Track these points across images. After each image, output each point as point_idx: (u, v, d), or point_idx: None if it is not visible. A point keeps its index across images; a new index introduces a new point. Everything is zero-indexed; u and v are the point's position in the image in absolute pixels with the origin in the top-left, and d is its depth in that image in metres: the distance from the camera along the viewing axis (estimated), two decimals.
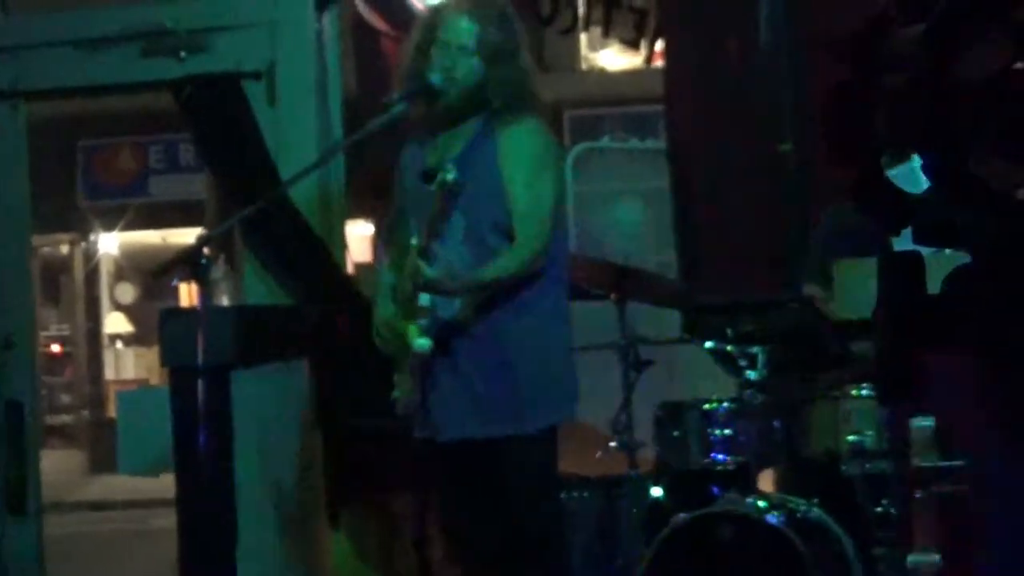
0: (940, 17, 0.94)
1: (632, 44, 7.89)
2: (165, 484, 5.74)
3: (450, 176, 4.46)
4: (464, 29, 4.73)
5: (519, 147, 4.66)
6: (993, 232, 0.97)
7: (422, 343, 4.60)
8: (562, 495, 5.59)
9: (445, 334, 4.65)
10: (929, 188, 0.99)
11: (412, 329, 4.62)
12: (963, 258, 1.02)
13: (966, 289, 0.98)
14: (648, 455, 5.94)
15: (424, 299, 4.58)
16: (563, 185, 4.92)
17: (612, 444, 5.88)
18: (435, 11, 4.95)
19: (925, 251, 1.17)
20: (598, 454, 6.10)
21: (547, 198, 4.67)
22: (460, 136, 4.75)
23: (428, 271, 4.50)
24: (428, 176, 4.54)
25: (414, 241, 4.56)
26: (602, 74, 8.01)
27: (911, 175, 1.22)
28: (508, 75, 4.72)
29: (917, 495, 4.96)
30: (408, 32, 5.02)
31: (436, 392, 4.72)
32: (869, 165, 1.01)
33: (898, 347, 0.97)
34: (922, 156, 0.97)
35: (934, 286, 1.03)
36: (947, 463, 5.06)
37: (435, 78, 4.71)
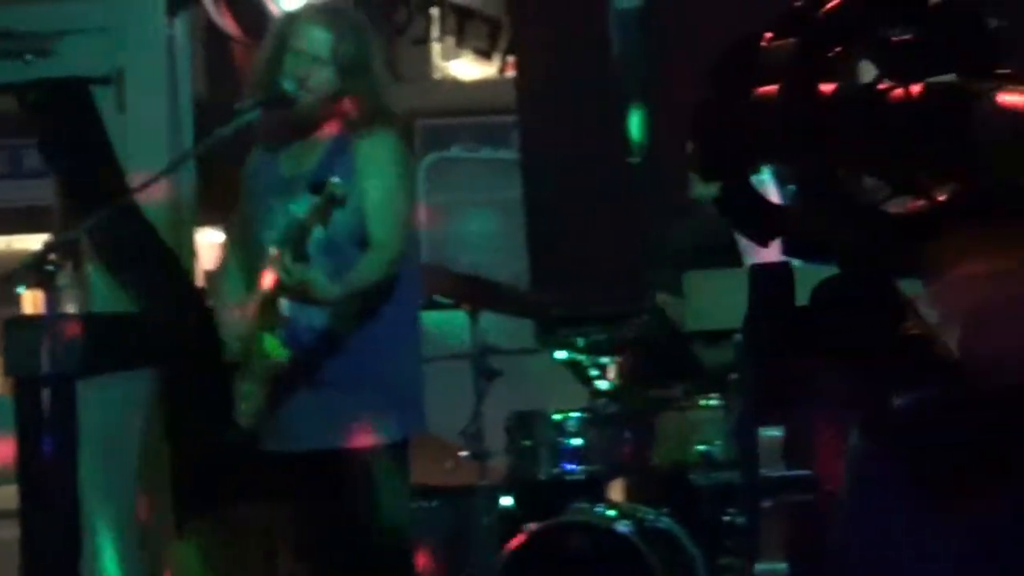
0: (813, 33, 0.95)
1: (485, 54, 7.90)
2: (6, 495, 5.63)
3: (339, 190, 4.44)
4: (319, 39, 4.70)
5: (378, 159, 4.65)
6: (860, 245, 0.98)
7: (281, 354, 4.57)
8: (412, 505, 5.58)
9: (318, 344, 4.63)
10: (797, 200, 1.00)
11: (269, 340, 4.58)
12: (832, 270, 1.04)
13: (834, 300, 0.99)
14: (499, 465, 5.95)
15: (284, 308, 4.54)
16: (415, 198, 4.94)
17: (462, 454, 5.89)
18: (289, 19, 4.92)
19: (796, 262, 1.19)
20: (448, 464, 6.10)
21: (403, 207, 4.69)
22: (315, 146, 4.73)
23: (306, 273, 4.47)
24: (316, 187, 4.50)
25: (273, 250, 4.52)
26: (455, 83, 8.01)
27: (762, 187, 1.24)
28: (363, 87, 4.71)
29: (764, 504, 5.02)
30: (261, 39, 4.99)
31: (289, 402, 4.68)
32: (737, 177, 1.02)
33: (769, 359, 0.98)
34: (792, 169, 0.98)
35: (804, 297, 1.05)
36: (794, 473, 5.12)
37: (288, 86, 4.68)
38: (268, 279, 4.56)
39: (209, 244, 6.88)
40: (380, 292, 4.65)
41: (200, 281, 6.72)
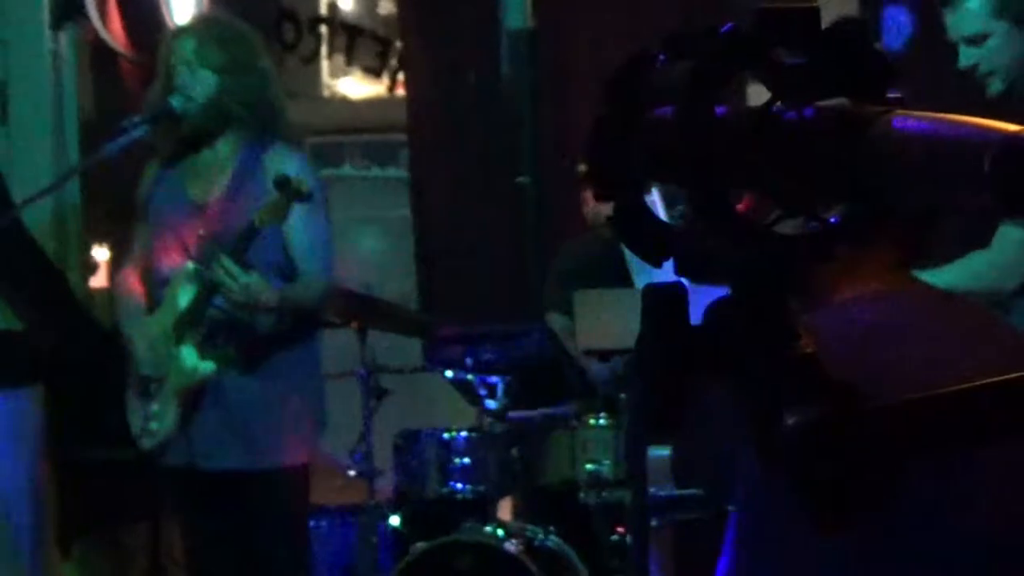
0: (705, 56, 0.96)
1: (375, 72, 7.90)
2: None
3: (304, 187, 4.49)
4: (189, 45, 4.71)
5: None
6: (750, 265, 0.98)
7: (204, 367, 4.56)
8: None
9: (258, 348, 4.63)
10: (689, 220, 1.01)
11: (189, 353, 4.57)
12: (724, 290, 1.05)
13: (725, 321, 0.99)
14: (387, 484, 5.94)
15: (211, 317, 4.55)
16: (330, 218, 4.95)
17: (351, 473, 5.87)
18: (169, 37, 4.92)
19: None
20: (337, 483, 6.07)
21: (328, 232, 4.72)
22: (222, 160, 4.70)
23: (249, 276, 4.48)
24: (282, 184, 4.52)
25: (190, 265, 4.54)
26: (344, 102, 7.99)
27: (654, 207, 1.24)
28: (247, 88, 4.68)
29: (653, 524, 5.04)
30: (150, 55, 4.99)
31: (198, 419, 4.65)
32: (630, 198, 1.02)
33: (660, 380, 0.98)
34: (685, 190, 0.98)
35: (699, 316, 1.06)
36: (684, 492, 5.15)
37: (175, 101, 4.66)
38: (184, 295, 4.56)
39: (95, 261, 6.81)
40: (308, 320, 4.70)
41: (87, 298, 6.66)
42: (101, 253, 6.92)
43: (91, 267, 6.65)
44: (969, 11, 4.29)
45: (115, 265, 6.14)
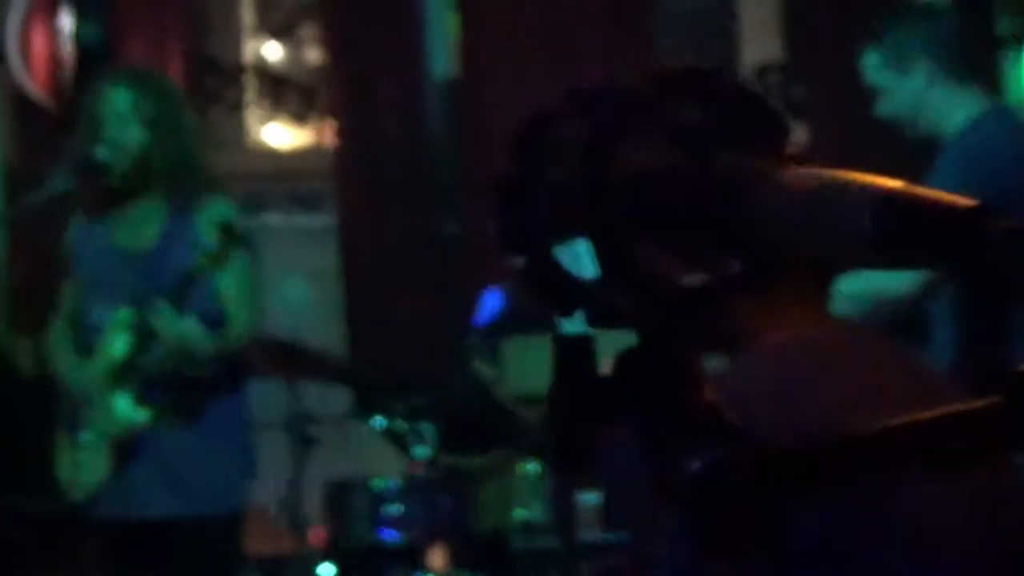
0: (605, 114, 0.98)
1: (300, 120, 7.90)
2: None
3: (243, 233, 4.51)
4: (121, 97, 4.69)
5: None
6: (654, 317, 1.01)
7: (138, 415, 4.55)
8: None
9: (193, 399, 4.62)
10: (596, 273, 1.03)
11: (122, 402, 4.55)
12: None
13: (631, 368, 1.02)
14: (317, 534, 5.92)
15: (148, 366, 4.54)
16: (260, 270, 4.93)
17: (281, 523, 5.85)
18: (95, 88, 4.89)
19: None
20: (267, 533, 6.05)
21: (257, 280, 4.71)
22: (151, 213, 4.69)
23: (185, 324, 4.48)
24: (225, 230, 4.52)
25: (125, 313, 4.53)
26: (269, 150, 7.99)
27: (575, 258, 1.28)
28: (174, 144, 4.68)
29: (583, 569, 5.07)
30: (74, 105, 4.99)
31: (130, 468, 4.63)
32: (538, 252, 1.05)
33: (571, 427, 1.00)
34: (589, 244, 1.00)
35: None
36: (610, 537, 5.18)
37: (101, 153, 4.65)
38: (119, 343, 4.54)
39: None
40: (236, 368, 4.70)
41: (11, 347, 6.62)
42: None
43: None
44: (867, 67, 4.42)
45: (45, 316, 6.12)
